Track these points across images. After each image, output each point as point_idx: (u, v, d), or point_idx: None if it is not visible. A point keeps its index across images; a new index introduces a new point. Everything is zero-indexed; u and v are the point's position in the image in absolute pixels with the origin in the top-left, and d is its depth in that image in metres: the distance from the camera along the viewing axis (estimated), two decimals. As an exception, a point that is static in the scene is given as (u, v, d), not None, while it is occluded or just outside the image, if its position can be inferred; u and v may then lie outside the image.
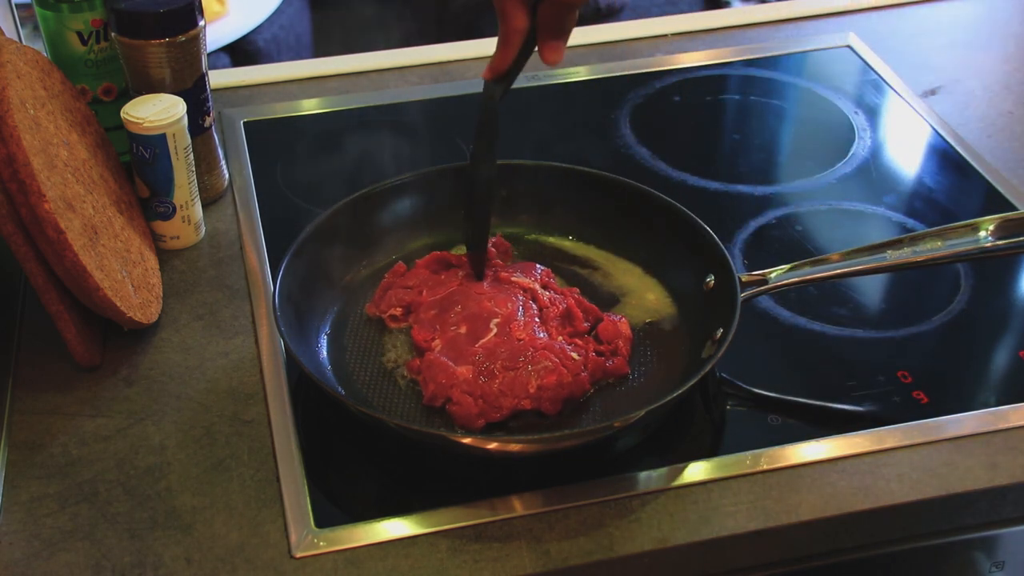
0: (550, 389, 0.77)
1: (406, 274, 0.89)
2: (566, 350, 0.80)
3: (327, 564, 0.70)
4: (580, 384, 0.79)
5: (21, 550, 0.70)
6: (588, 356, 0.81)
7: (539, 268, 0.88)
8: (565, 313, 0.84)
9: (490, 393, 0.77)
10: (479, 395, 0.77)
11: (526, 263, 0.90)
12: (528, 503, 0.73)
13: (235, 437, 0.78)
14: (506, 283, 0.86)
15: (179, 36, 0.91)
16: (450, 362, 0.79)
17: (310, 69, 1.22)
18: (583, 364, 0.80)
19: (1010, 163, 1.07)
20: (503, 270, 0.88)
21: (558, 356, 0.79)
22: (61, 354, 0.82)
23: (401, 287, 0.87)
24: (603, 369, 0.81)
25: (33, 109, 0.79)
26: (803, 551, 0.75)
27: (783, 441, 0.78)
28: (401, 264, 0.90)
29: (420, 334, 0.83)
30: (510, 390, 0.77)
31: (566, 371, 0.78)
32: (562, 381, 0.78)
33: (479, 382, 0.78)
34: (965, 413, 0.80)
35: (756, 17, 1.31)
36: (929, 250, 0.80)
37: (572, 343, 0.82)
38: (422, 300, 0.85)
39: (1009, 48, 1.27)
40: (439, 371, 0.79)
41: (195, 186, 0.94)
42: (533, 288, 0.85)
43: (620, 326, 0.84)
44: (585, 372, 0.79)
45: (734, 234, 0.98)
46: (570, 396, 0.78)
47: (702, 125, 1.17)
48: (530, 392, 0.77)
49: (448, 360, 0.79)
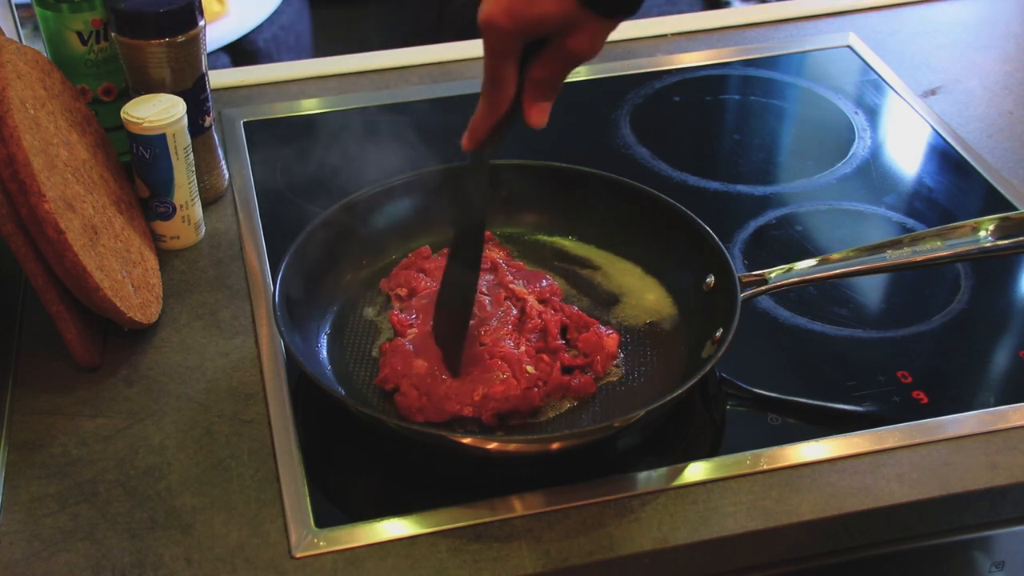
0: (494, 400, 0.76)
1: (428, 259, 0.90)
2: (523, 363, 0.78)
3: (327, 564, 0.70)
4: (528, 399, 0.77)
5: (21, 550, 0.70)
6: (552, 373, 0.79)
7: (546, 281, 0.87)
8: (543, 328, 0.82)
9: (436, 394, 0.77)
10: (425, 392, 0.77)
11: (537, 273, 0.89)
12: (528, 503, 0.73)
13: (235, 437, 0.78)
14: (503, 288, 0.86)
15: (179, 36, 0.91)
16: (412, 352, 0.79)
17: (310, 69, 1.22)
18: (539, 380, 0.78)
19: (1010, 163, 1.07)
20: (508, 274, 0.87)
21: (513, 368, 0.78)
22: (61, 354, 0.82)
23: (416, 269, 0.88)
24: (565, 387, 0.79)
25: (33, 109, 0.79)
26: (803, 551, 0.75)
27: (783, 441, 0.78)
28: (427, 248, 0.91)
29: (399, 319, 0.84)
30: (455, 395, 0.77)
31: (515, 383, 0.77)
32: (508, 394, 0.77)
33: (428, 380, 0.78)
34: (965, 413, 0.80)
35: (756, 17, 1.31)
36: (929, 250, 0.80)
37: (539, 357, 0.80)
38: (420, 288, 0.86)
39: (1009, 48, 1.27)
40: (398, 358, 0.80)
41: (195, 186, 0.94)
42: (525, 299, 0.84)
43: (605, 340, 0.82)
44: (539, 388, 0.78)
45: (734, 234, 0.98)
46: (515, 410, 0.77)
47: (702, 125, 1.17)
48: (474, 400, 0.77)
49: (411, 349, 0.80)
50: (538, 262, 0.92)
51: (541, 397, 0.78)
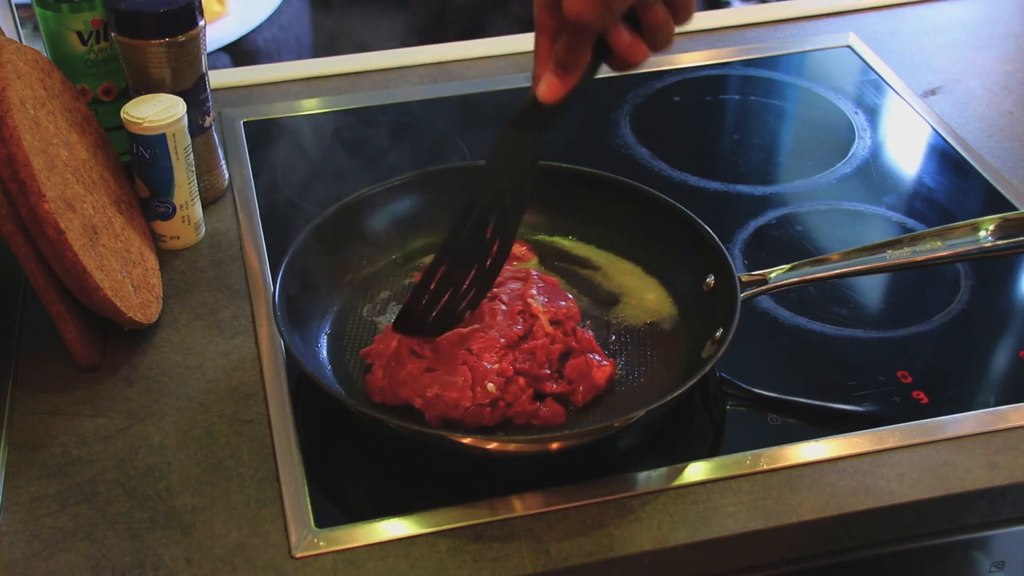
0: (443, 403, 0.76)
1: None
2: (487, 380, 0.76)
3: (327, 564, 0.70)
4: (476, 415, 0.76)
5: (21, 550, 0.70)
6: (520, 398, 0.77)
7: (565, 303, 0.83)
8: (533, 350, 0.79)
9: (395, 377, 0.77)
10: (387, 374, 0.78)
11: (560, 292, 0.85)
12: (528, 503, 0.73)
13: (235, 437, 0.78)
14: (522, 301, 0.82)
15: (179, 36, 0.91)
16: (392, 338, 0.80)
17: (310, 69, 1.22)
18: (499, 400, 0.76)
19: (1010, 163, 1.07)
20: (534, 288, 0.83)
21: (475, 380, 0.76)
22: (61, 354, 0.82)
23: None
24: (531, 415, 0.77)
25: (33, 109, 0.79)
26: (803, 551, 0.75)
27: (783, 441, 0.78)
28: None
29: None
30: (412, 383, 0.77)
31: (469, 396, 0.76)
32: (458, 403, 0.75)
33: (392, 362, 0.78)
34: (965, 413, 0.80)
35: (756, 17, 1.31)
36: (929, 250, 0.80)
37: (514, 379, 0.77)
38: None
39: (1009, 48, 1.27)
40: (383, 337, 0.80)
41: (195, 186, 0.94)
42: (537, 317, 0.81)
43: (594, 371, 0.79)
44: (494, 409, 0.76)
45: (734, 234, 0.98)
46: (460, 421, 0.76)
47: (702, 125, 1.17)
48: (426, 396, 0.76)
49: (392, 336, 0.80)
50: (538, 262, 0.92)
51: (494, 417, 0.76)
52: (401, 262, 0.92)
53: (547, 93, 0.71)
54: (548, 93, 0.71)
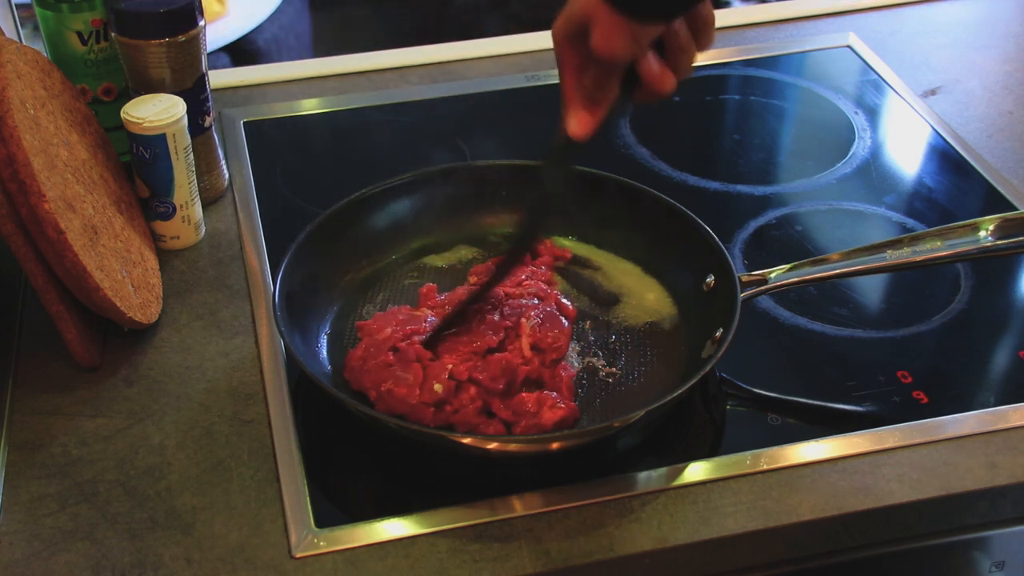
0: (392, 397, 0.76)
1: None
2: (435, 380, 0.76)
3: (327, 564, 0.70)
4: (420, 413, 0.75)
5: (21, 550, 0.70)
6: (468, 408, 0.76)
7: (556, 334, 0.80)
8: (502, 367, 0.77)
9: (365, 364, 0.78)
10: (359, 362, 0.79)
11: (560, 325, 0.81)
12: (528, 503, 0.73)
13: (235, 437, 0.78)
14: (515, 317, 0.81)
15: (179, 36, 0.91)
16: (388, 323, 0.81)
17: (310, 69, 1.22)
18: (441, 403, 0.76)
19: (1010, 163, 1.07)
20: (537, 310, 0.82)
21: (425, 378, 0.76)
22: (61, 354, 0.82)
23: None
24: (471, 425, 0.76)
25: (33, 109, 0.79)
26: (803, 551, 0.75)
27: (783, 441, 0.78)
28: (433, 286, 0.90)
29: (428, 289, 0.86)
30: (373, 372, 0.78)
31: (416, 393, 0.76)
32: (405, 398, 0.75)
33: (372, 348, 0.79)
34: (965, 413, 0.80)
35: (756, 17, 1.31)
36: (929, 250, 0.80)
37: (465, 387, 0.76)
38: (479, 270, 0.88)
39: (1009, 48, 1.27)
40: (382, 318, 0.82)
41: (195, 186, 0.94)
42: (521, 337, 0.79)
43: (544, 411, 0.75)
44: (439, 411, 0.76)
45: (734, 234, 0.98)
46: (405, 415, 0.76)
47: (702, 125, 1.17)
48: (380, 389, 0.77)
49: (392, 320, 0.81)
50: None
51: (437, 419, 0.76)
52: (401, 262, 0.92)
53: (578, 129, 0.71)
54: (579, 129, 0.71)
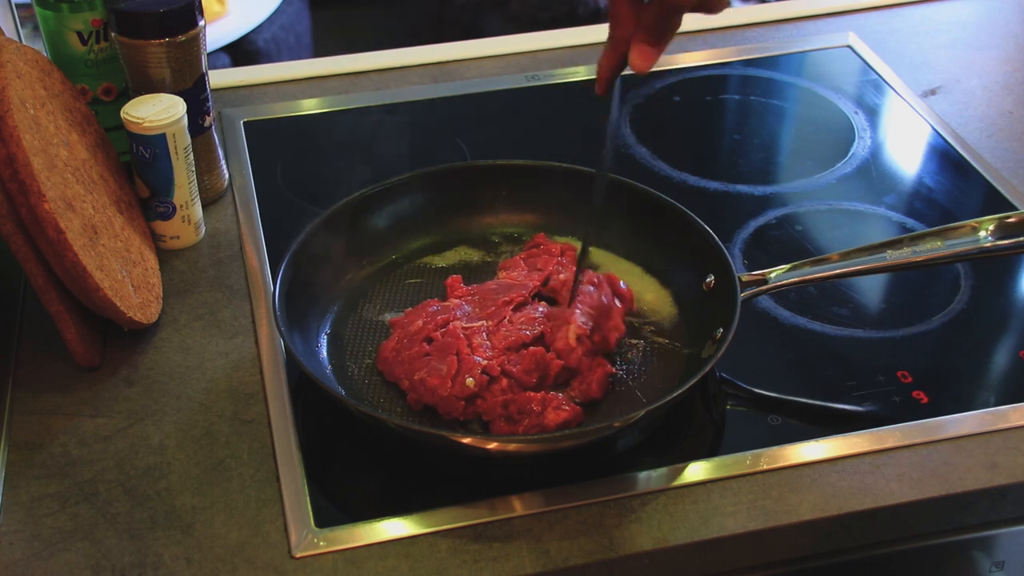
0: (424, 388, 0.77)
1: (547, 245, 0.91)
2: (468, 373, 0.77)
3: (327, 564, 0.70)
4: (450, 405, 0.77)
5: (21, 550, 0.70)
6: (494, 402, 0.77)
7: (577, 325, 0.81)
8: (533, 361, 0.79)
9: (398, 356, 0.80)
10: (396, 348, 0.81)
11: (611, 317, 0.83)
12: (528, 503, 0.73)
13: (235, 437, 0.78)
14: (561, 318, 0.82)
15: (179, 36, 0.91)
16: (420, 316, 0.82)
17: (310, 69, 1.22)
18: (472, 397, 0.77)
19: (1010, 163, 1.07)
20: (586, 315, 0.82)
21: (458, 371, 0.77)
22: (61, 354, 0.82)
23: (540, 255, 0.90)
24: (460, 407, 0.77)
25: (33, 109, 0.79)
26: (803, 551, 0.75)
27: (783, 441, 0.78)
28: (543, 235, 0.93)
29: (453, 280, 0.88)
30: (407, 363, 0.79)
31: (448, 386, 0.77)
32: (437, 390, 0.77)
33: (405, 340, 0.81)
34: (965, 413, 0.80)
35: (756, 17, 1.31)
36: (929, 250, 0.80)
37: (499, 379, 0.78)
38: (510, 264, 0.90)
39: (1009, 48, 1.27)
40: (413, 313, 0.84)
41: (195, 186, 0.94)
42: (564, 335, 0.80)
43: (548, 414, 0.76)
44: (469, 405, 0.77)
45: (734, 234, 0.98)
46: (436, 407, 0.78)
47: (702, 125, 1.17)
48: (413, 378, 0.78)
49: (433, 310, 0.83)
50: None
51: (466, 413, 0.77)
52: (401, 262, 0.92)
53: (643, 63, 0.71)
54: (644, 63, 0.71)
